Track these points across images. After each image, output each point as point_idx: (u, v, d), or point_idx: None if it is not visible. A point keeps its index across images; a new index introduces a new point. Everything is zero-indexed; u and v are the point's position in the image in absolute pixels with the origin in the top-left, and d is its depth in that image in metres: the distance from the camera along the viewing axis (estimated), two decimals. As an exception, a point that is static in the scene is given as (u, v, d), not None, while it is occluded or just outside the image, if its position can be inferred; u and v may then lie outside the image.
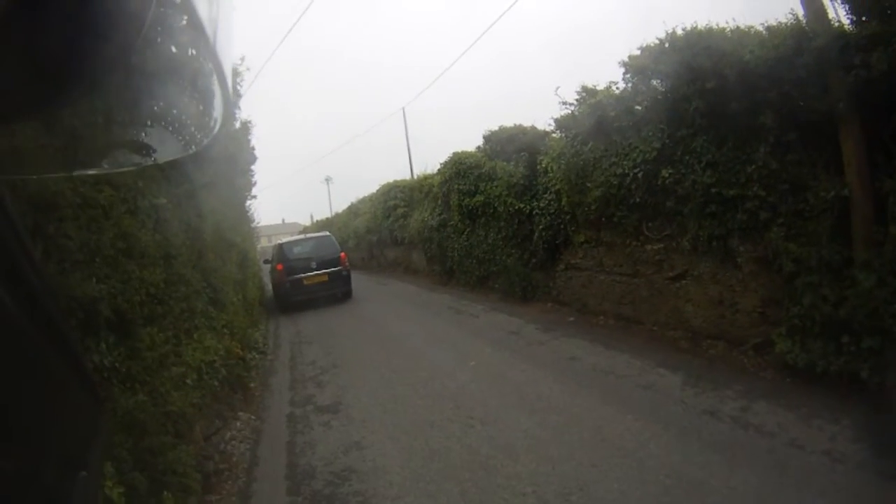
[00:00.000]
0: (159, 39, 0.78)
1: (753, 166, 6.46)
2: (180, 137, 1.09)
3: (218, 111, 0.99)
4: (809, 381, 5.78)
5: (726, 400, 5.87)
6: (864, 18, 5.52)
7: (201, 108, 1.02)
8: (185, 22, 0.79)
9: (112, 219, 4.84)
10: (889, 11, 5.21)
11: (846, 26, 5.77)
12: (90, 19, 0.60)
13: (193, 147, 1.14)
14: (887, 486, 4.06)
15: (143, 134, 0.99)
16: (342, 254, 17.68)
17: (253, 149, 14.07)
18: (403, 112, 35.12)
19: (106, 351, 4.27)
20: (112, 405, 4.13)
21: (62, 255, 3.88)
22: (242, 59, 11.69)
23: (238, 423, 7.06)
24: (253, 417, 7.44)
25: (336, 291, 17.09)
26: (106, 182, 4.81)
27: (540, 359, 8.29)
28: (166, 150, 1.08)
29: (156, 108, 0.98)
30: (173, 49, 0.83)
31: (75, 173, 3.08)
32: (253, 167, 15.08)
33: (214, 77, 0.89)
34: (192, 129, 1.07)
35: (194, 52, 0.86)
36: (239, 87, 11.59)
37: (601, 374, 7.24)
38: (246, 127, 13.43)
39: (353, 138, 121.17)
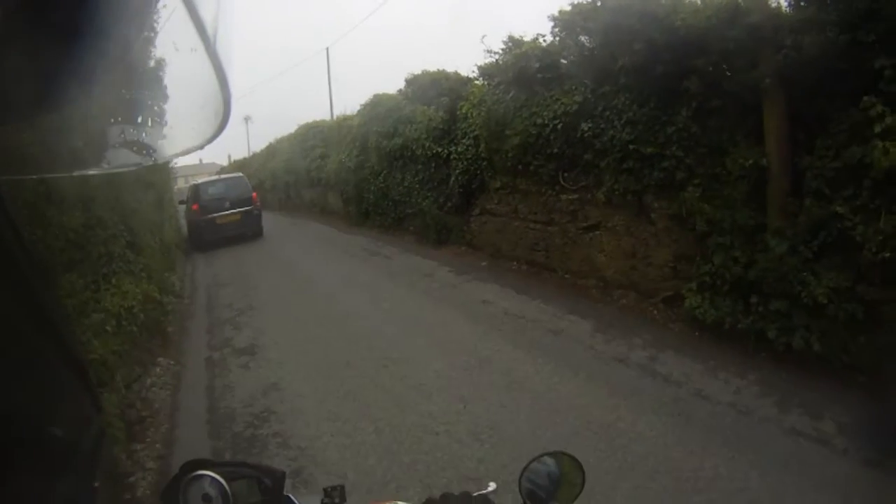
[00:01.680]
0: (159, 39, 0.79)
1: (674, 128, 6.64)
2: (180, 137, 1.09)
3: (218, 111, 1.00)
4: (717, 336, 6.06)
5: (635, 348, 6.16)
6: (801, 3, 5.69)
7: (201, 108, 1.03)
8: (184, 22, 0.80)
9: (31, 163, 4.62)
10: (828, 0, 5.38)
11: (783, 7, 5.94)
12: (90, 19, 0.61)
13: (193, 147, 1.15)
14: (790, 440, 4.34)
15: (143, 134, 0.99)
16: (254, 194, 18.46)
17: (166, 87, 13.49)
18: (327, 52, 34.23)
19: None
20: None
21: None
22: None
23: (158, 370, 6.96)
24: (172, 363, 7.34)
25: (247, 230, 17.68)
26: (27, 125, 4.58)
27: (453, 301, 8.46)
28: (166, 150, 1.08)
29: (156, 108, 0.98)
30: (173, 49, 0.83)
31: (75, 173, 2.94)
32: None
33: (215, 76, 0.89)
34: (192, 129, 1.08)
35: (194, 51, 0.86)
36: (155, 25, 11.02)
37: (512, 318, 7.45)
38: (160, 64, 12.82)
39: (275, 76, 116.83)
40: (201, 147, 1.14)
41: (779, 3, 6.01)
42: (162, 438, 5.50)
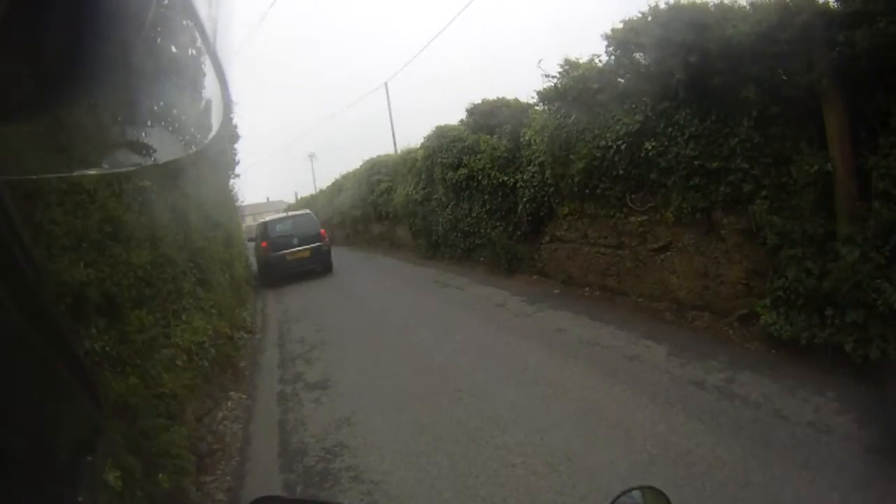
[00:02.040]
0: (159, 39, 0.79)
1: (737, 139, 6.47)
2: (180, 137, 1.09)
3: (218, 111, 1.00)
4: (794, 352, 5.83)
5: (711, 371, 5.95)
6: None
7: (201, 108, 1.03)
8: (185, 22, 0.79)
9: (97, 202, 4.80)
10: None
11: (831, 4, 5.75)
12: (90, 19, 0.60)
13: (193, 147, 1.15)
14: (870, 458, 4.12)
15: (143, 134, 0.99)
16: (322, 230, 18.61)
17: (235, 127, 13.87)
18: (386, 87, 34.80)
19: (96, 335, 4.23)
20: (104, 390, 4.12)
21: (49, 241, 3.85)
22: (225, 36, 11.51)
23: (229, 403, 7.09)
24: (244, 397, 7.47)
25: (317, 266, 17.87)
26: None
27: (526, 331, 8.35)
28: (166, 150, 1.09)
29: (156, 108, 0.98)
30: (173, 49, 0.83)
31: (76, 173, 3.05)
32: (236, 146, 14.92)
33: (214, 77, 0.89)
34: (192, 129, 1.08)
35: (194, 52, 0.86)
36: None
37: (587, 346, 7.30)
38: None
39: (335, 114, 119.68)
40: (202, 147, 1.14)
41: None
42: (232, 471, 5.59)
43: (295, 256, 17.56)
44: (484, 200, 13.51)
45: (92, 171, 2.60)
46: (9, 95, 0.62)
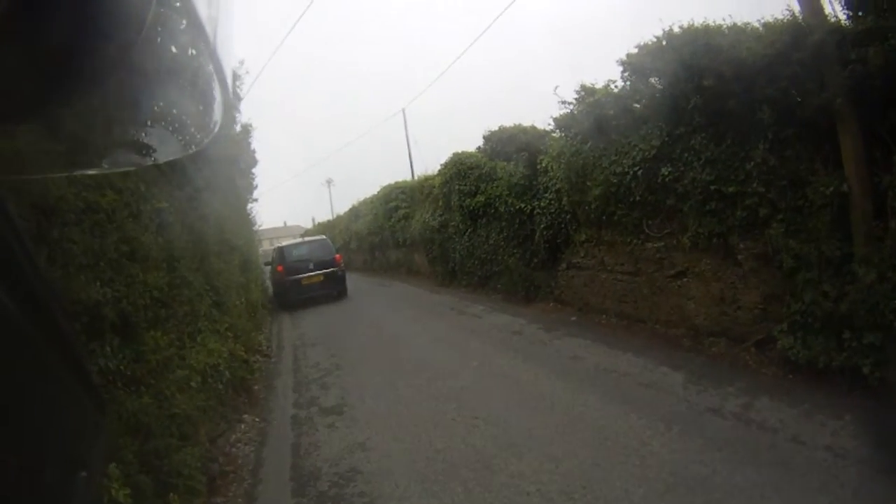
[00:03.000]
0: (159, 39, 0.79)
1: (752, 163, 6.43)
2: (180, 137, 1.09)
3: (218, 111, 1.00)
4: (811, 377, 5.78)
5: (728, 397, 5.87)
6: (860, 13, 5.50)
7: (201, 108, 1.03)
8: (185, 22, 0.79)
9: (115, 223, 4.85)
10: (885, 6, 5.18)
11: (843, 21, 5.75)
12: (90, 19, 0.60)
13: (193, 147, 1.15)
14: (889, 481, 4.05)
15: (143, 134, 0.99)
16: (337, 255, 19.25)
17: (254, 152, 14.10)
18: (403, 113, 34.94)
19: (111, 354, 4.25)
20: (117, 408, 4.13)
21: (66, 258, 3.88)
22: (242, 62, 11.71)
23: (243, 426, 7.08)
24: (257, 420, 7.46)
25: (332, 290, 18.32)
26: (108, 186, 4.82)
27: (542, 358, 8.29)
28: (166, 150, 1.09)
29: (156, 108, 0.99)
30: (173, 49, 0.84)
31: (76, 173, 3.09)
32: (254, 170, 15.15)
33: (214, 77, 0.89)
34: (192, 129, 1.08)
35: (194, 52, 0.86)
36: (239, 91, 11.58)
37: (603, 373, 7.23)
38: (246, 130, 13.45)
39: (353, 140, 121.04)
40: (202, 147, 1.14)
41: (838, 17, 5.82)
42: (244, 493, 5.56)
43: (310, 281, 17.97)
44: (501, 227, 13.55)
45: (92, 171, 2.63)
46: (9, 95, 0.62)
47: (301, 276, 17.97)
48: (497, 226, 13.74)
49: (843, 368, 5.43)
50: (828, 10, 5.88)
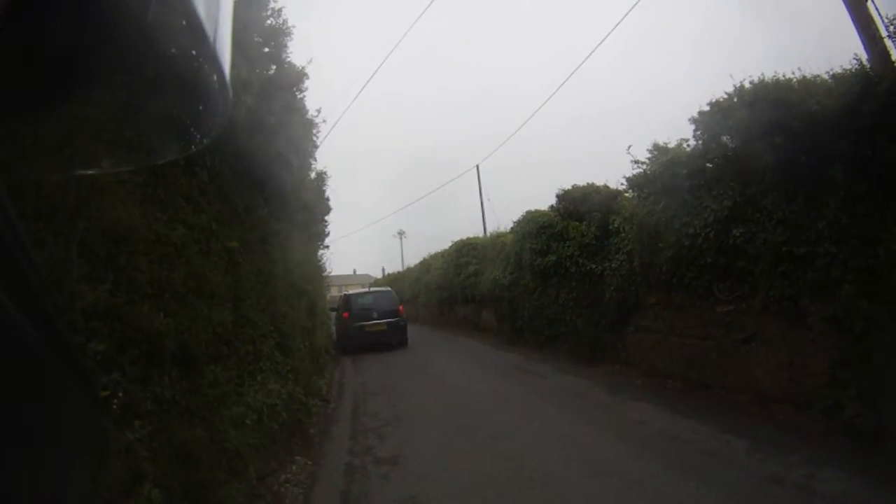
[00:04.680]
0: (159, 39, 0.80)
1: (824, 222, 6.23)
2: (180, 137, 1.11)
3: (218, 111, 1.01)
4: (878, 445, 5.49)
5: (792, 467, 5.58)
6: None
7: (201, 108, 1.04)
8: (185, 22, 0.80)
9: (184, 257, 5.01)
10: None
11: None
12: (91, 19, 0.61)
13: (193, 147, 1.16)
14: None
15: (143, 134, 1.01)
16: (400, 307, 20.14)
17: (328, 199, 14.45)
18: (477, 169, 35.31)
19: (168, 384, 4.34)
20: (168, 435, 4.19)
21: (132, 286, 4.00)
22: (319, 110, 12.04)
23: (294, 467, 7.06)
24: (309, 463, 7.43)
25: (393, 339, 19.10)
26: (180, 221, 5.00)
27: (605, 422, 8.06)
28: (166, 150, 1.11)
29: (156, 108, 1.00)
30: (173, 49, 0.84)
31: (76, 173, 3.21)
32: (327, 217, 15.49)
33: (214, 77, 0.90)
34: (192, 129, 1.09)
35: (194, 52, 0.87)
36: (315, 139, 11.91)
37: (666, 440, 6.97)
38: (321, 177, 13.81)
39: (428, 193, 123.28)
40: (202, 147, 1.14)
41: None
42: (289, 534, 5.50)
43: (373, 329, 18.90)
44: (571, 288, 13.46)
45: (92, 171, 2.72)
46: (9, 95, 0.64)
47: (365, 323, 18.96)
48: (567, 286, 13.64)
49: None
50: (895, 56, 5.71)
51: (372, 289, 25.28)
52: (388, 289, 22.94)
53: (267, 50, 8.75)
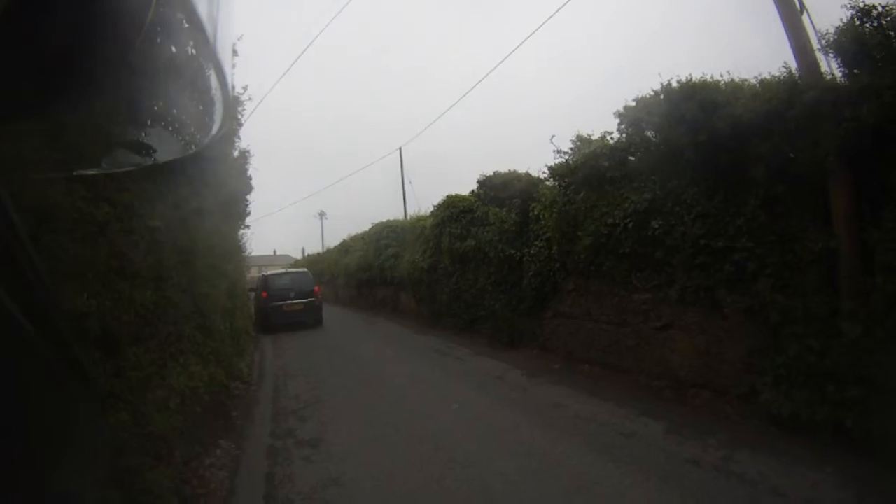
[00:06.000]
0: (159, 39, 0.81)
1: (742, 218, 6.54)
2: (180, 137, 1.11)
3: (218, 111, 1.02)
4: (793, 430, 5.79)
5: (709, 449, 5.85)
6: (855, 71, 5.62)
7: (201, 108, 1.04)
8: (185, 22, 0.81)
9: (107, 236, 4.83)
10: (880, 63, 5.30)
11: (838, 79, 5.87)
12: (90, 19, 0.62)
13: (193, 147, 1.17)
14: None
15: (143, 134, 1.01)
16: (316, 287, 21.49)
17: (250, 178, 14.02)
18: (400, 151, 35.13)
19: (91, 367, 4.22)
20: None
21: (55, 265, 3.86)
22: (245, 88, 11.67)
23: (218, 451, 6.94)
24: (233, 446, 7.32)
25: (308, 318, 20.44)
26: (105, 199, 4.82)
27: (523, 404, 8.23)
28: (166, 150, 1.11)
29: (156, 108, 1.00)
30: (173, 49, 0.85)
31: (76, 173, 3.10)
32: (248, 197, 15.07)
33: (214, 77, 0.91)
34: (192, 129, 1.10)
35: (194, 52, 0.88)
36: (240, 116, 11.54)
37: (583, 422, 7.18)
38: (244, 156, 13.38)
39: (348, 174, 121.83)
40: (202, 146, 1.15)
41: (834, 75, 5.93)
42: (215, 519, 5.43)
43: (291, 308, 20.07)
44: (489, 272, 13.59)
45: (92, 171, 2.64)
46: (9, 95, 0.64)
47: (283, 303, 20.05)
48: (486, 270, 13.78)
49: (826, 422, 5.46)
50: (824, 68, 6.02)
51: (290, 269, 26.44)
52: (305, 270, 23.95)
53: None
